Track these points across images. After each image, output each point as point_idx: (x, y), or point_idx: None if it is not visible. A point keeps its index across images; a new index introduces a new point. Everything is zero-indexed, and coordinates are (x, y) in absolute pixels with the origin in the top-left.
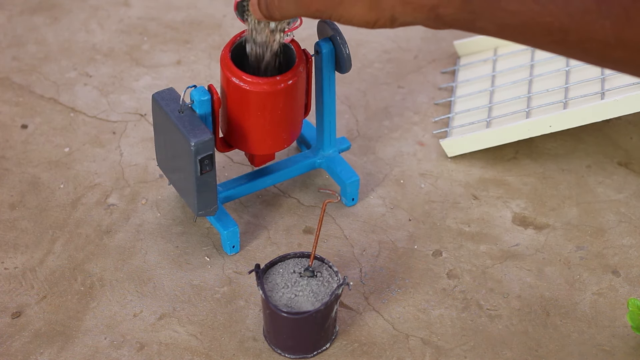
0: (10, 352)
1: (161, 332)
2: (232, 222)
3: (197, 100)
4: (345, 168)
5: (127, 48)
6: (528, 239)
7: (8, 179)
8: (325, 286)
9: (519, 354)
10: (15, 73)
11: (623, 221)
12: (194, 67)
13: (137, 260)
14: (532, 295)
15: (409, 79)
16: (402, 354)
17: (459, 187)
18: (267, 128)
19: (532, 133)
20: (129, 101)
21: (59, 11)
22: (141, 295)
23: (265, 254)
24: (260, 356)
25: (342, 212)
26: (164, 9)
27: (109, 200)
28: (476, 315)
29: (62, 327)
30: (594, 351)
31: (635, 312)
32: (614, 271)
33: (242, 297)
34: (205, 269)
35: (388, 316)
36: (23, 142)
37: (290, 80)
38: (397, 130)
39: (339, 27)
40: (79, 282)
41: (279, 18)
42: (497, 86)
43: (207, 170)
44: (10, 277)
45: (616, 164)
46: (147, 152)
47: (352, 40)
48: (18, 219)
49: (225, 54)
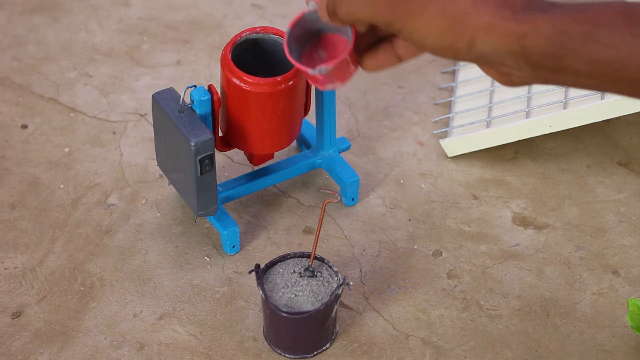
0: (10, 352)
1: (161, 332)
2: (232, 222)
3: (197, 100)
4: (345, 168)
5: (127, 48)
6: (528, 239)
7: (8, 179)
8: (325, 286)
9: (519, 354)
10: (15, 73)
11: (623, 221)
12: (194, 67)
13: (137, 260)
14: (532, 295)
15: (409, 79)
16: (402, 354)
17: (459, 187)
18: (267, 128)
19: (532, 133)
20: (129, 101)
21: (59, 11)
22: (141, 295)
23: (265, 254)
24: (260, 356)
25: (342, 212)
26: (164, 9)
27: (109, 200)
28: (476, 315)
29: (62, 327)
30: (594, 351)
31: (635, 312)
32: (614, 271)
33: (242, 297)
34: (205, 269)
35: (388, 316)
36: (23, 142)
37: (290, 81)
38: (397, 130)
39: None
40: (79, 282)
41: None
42: (497, 86)
43: (207, 170)
44: (10, 277)
45: (616, 164)
46: (147, 152)
47: None
48: (18, 219)
49: (225, 54)
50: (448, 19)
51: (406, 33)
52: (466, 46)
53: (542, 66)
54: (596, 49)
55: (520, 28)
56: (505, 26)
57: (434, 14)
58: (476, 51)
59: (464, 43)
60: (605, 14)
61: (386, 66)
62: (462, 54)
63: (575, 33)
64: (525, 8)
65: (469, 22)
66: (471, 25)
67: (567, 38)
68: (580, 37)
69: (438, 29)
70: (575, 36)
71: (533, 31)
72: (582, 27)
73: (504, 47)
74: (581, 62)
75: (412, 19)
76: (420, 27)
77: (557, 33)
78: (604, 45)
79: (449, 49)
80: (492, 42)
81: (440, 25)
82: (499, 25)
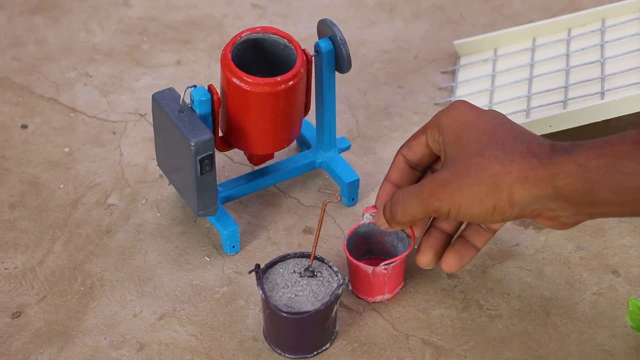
0: (10, 352)
1: (161, 332)
2: (232, 222)
3: (197, 100)
4: (345, 168)
5: (127, 48)
6: (528, 238)
7: (8, 179)
8: (325, 286)
9: (519, 354)
10: (15, 73)
11: (623, 221)
12: (194, 67)
13: (137, 260)
14: (532, 295)
15: (409, 79)
16: (402, 354)
17: None
18: (267, 128)
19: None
20: (129, 101)
21: (59, 11)
22: (141, 295)
23: (265, 254)
24: (260, 356)
25: (342, 212)
26: (164, 9)
27: (109, 200)
28: (476, 315)
29: (62, 327)
30: (594, 351)
31: (635, 312)
32: (614, 271)
33: (242, 297)
34: (205, 269)
35: (388, 316)
36: (23, 142)
37: (290, 81)
38: (397, 130)
39: (338, 27)
40: (79, 282)
41: (401, 220)
42: (497, 86)
43: (207, 170)
44: (10, 277)
45: None
46: (147, 152)
47: (352, 40)
48: (18, 219)
49: (225, 54)
50: (484, 185)
51: (454, 212)
52: (508, 203)
53: (578, 202)
54: (621, 179)
55: (548, 172)
56: (535, 174)
57: (471, 185)
58: (518, 204)
59: (505, 201)
60: (624, 146)
61: (461, 264)
62: (508, 212)
63: (598, 167)
64: (549, 154)
65: (503, 181)
66: (505, 183)
67: (592, 173)
68: (604, 170)
69: (478, 197)
70: (599, 169)
71: (560, 172)
72: (603, 160)
73: (540, 192)
74: (610, 192)
75: (454, 197)
76: (463, 200)
77: (582, 170)
78: (627, 174)
79: (494, 211)
80: (528, 190)
81: (479, 193)
82: (530, 174)
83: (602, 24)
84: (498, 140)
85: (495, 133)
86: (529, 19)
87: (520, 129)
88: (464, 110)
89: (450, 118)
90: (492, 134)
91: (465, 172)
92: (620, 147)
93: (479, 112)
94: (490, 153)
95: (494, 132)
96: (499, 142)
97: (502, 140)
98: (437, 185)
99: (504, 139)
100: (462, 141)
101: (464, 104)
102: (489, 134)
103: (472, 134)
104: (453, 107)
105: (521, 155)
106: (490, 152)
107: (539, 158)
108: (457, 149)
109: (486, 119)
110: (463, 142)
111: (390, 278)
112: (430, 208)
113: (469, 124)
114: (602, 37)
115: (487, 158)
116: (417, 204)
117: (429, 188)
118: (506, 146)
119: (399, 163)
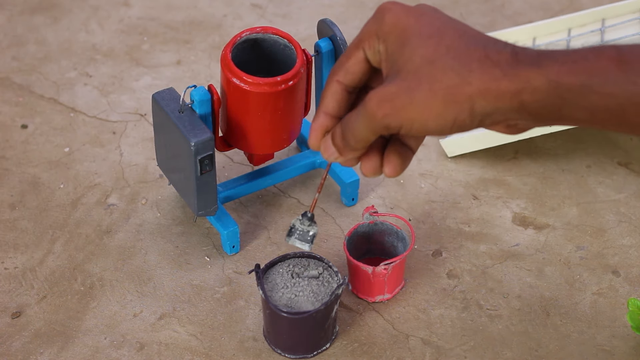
0: (10, 352)
1: (161, 332)
2: (232, 222)
3: (197, 100)
4: (345, 168)
5: (127, 48)
6: (528, 239)
7: (8, 179)
8: (325, 286)
9: (519, 354)
10: (15, 73)
11: (623, 221)
12: (194, 67)
13: (137, 260)
14: (532, 295)
15: None
16: (402, 354)
17: (459, 187)
18: (267, 128)
19: (532, 133)
20: (129, 101)
21: (59, 11)
22: (141, 295)
23: (265, 254)
24: (260, 356)
25: (342, 212)
26: (164, 9)
27: (109, 200)
28: (476, 315)
29: (62, 327)
30: (594, 351)
31: (635, 312)
32: (614, 271)
33: (242, 297)
34: (205, 269)
35: (388, 316)
36: (23, 142)
37: (290, 81)
38: None
39: (338, 27)
40: (79, 282)
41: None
42: None
43: (207, 170)
44: (10, 277)
45: (616, 164)
46: (147, 152)
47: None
48: (18, 219)
49: (225, 54)
50: (440, 98)
51: (407, 127)
52: (468, 116)
53: (544, 117)
54: (595, 99)
55: (514, 86)
56: (498, 86)
57: (425, 99)
58: (479, 116)
59: (465, 114)
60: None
61: (404, 166)
62: (468, 124)
63: (571, 85)
64: (512, 63)
65: (461, 93)
66: (464, 95)
67: (563, 90)
68: (577, 89)
69: (435, 110)
70: (572, 88)
71: (528, 87)
72: (577, 78)
73: (503, 105)
74: (581, 111)
75: (407, 112)
76: (417, 115)
77: (553, 86)
78: (602, 94)
79: (453, 125)
80: (491, 103)
81: (435, 106)
82: (492, 86)
83: (602, 24)
84: (449, 46)
85: (443, 37)
86: (529, 19)
87: (466, 28)
88: (400, 13)
89: (387, 24)
90: (439, 38)
91: (416, 84)
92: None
93: (415, 13)
94: (442, 62)
95: (440, 36)
96: (451, 48)
97: (453, 46)
98: (385, 101)
99: (455, 45)
100: (407, 49)
101: (395, 5)
102: (435, 37)
103: (415, 40)
104: (386, 10)
105: (479, 64)
106: (443, 62)
107: (501, 67)
108: (402, 58)
109: (427, 20)
110: (407, 50)
111: (390, 278)
112: (379, 126)
113: (409, 28)
114: (602, 37)
115: (440, 68)
116: (365, 125)
117: (375, 105)
118: (460, 53)
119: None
